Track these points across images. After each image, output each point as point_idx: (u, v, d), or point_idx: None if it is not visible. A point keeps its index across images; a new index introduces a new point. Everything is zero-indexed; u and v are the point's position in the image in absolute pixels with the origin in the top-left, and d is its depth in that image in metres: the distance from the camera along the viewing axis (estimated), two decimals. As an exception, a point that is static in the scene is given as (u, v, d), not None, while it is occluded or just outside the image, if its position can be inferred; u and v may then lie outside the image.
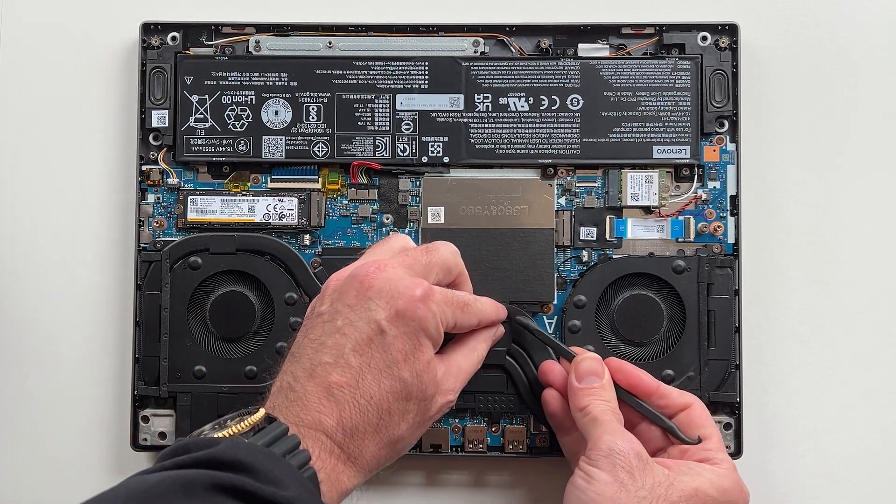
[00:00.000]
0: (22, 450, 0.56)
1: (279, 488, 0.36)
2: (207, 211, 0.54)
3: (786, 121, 0.55)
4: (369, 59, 0.54)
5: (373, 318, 0.43)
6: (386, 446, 0.43)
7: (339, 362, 0.42)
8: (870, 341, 0.55)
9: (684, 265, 0.53)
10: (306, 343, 0.44)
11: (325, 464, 0.40)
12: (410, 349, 0.43)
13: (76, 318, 0.56)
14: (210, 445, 0.37)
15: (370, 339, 0.42)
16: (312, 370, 0.42)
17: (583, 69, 0.54)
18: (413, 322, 0.43)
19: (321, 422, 0.41)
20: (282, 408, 0.42)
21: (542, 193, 0.54)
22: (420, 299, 0.43)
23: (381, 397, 0.42)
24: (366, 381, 0.42)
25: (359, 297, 0.43)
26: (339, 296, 0.44)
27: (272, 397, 0.43)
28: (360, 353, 0.42)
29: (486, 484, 0.55)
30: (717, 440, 0.48)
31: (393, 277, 0.43)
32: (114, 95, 0.56)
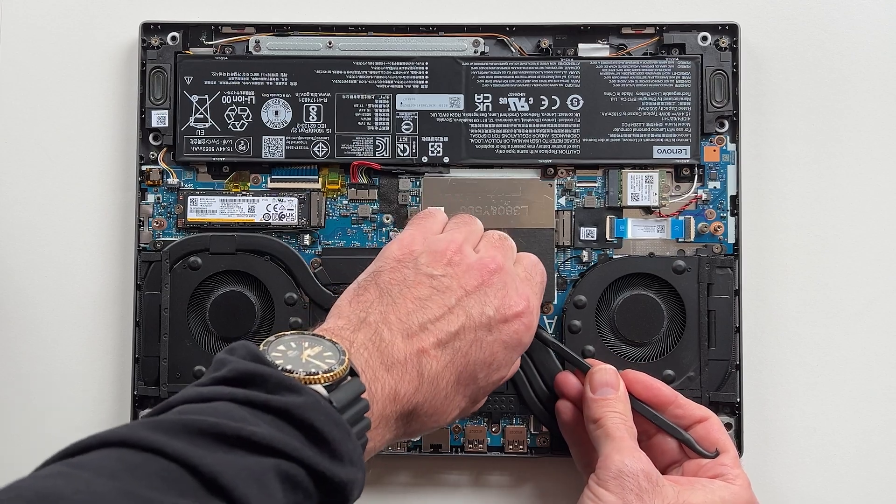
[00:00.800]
0: (22, 450, 0.55)
1: (339, 466, 0.35)
2: (207, 211, 0.54)
3: (786, 121, 0.55)
4: (369, 59, 0.54)
5: (486, 313, 0.43)
6: (427, 428, 0.43)
7: (441, 336, 0.41)
8: (869, 341, 0.55)
9: (684, 265, 0.53)
10: (407, 295, 0.42)
11: (376, 434, 0.39)
12: (501, 360, 0.43)
13: (76, 319, 0.56)
14: (290, 390, 0.35)
15: (476, 329, 0.42)
16: (409, 328, 0.41)
17: (583, 69, 0.54)
18: (517, 336, 0.43)
19: (398, 389, 0.40)
20: (363, 349, 0.40)
21: (542, 193, 0.54)
22: (526, 322, 0.44)
23: (453, 386, 0.42)
24: (452, 366, 0.42)
25: (479, 287, 0.43)
26: (458, 273, 0.43)
27: (352, 326, 0.41)
28: (461, 338, 0.42)
29: (486, 484, 0.55)
30: (732, 455, 0.48)
31: (508, 283, 0.44)
32: (114, 95, 0.56)
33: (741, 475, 0.47)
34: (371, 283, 0.43)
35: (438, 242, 0.45)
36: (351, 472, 0.35)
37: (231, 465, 0.32)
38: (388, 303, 0.42)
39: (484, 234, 0.48)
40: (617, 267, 0.53)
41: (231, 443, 0.33)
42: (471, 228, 0.47)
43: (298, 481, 0.33)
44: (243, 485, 0.31)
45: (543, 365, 0.52)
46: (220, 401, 0.34)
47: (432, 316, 0.42)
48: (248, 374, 0.35)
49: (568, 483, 0.55)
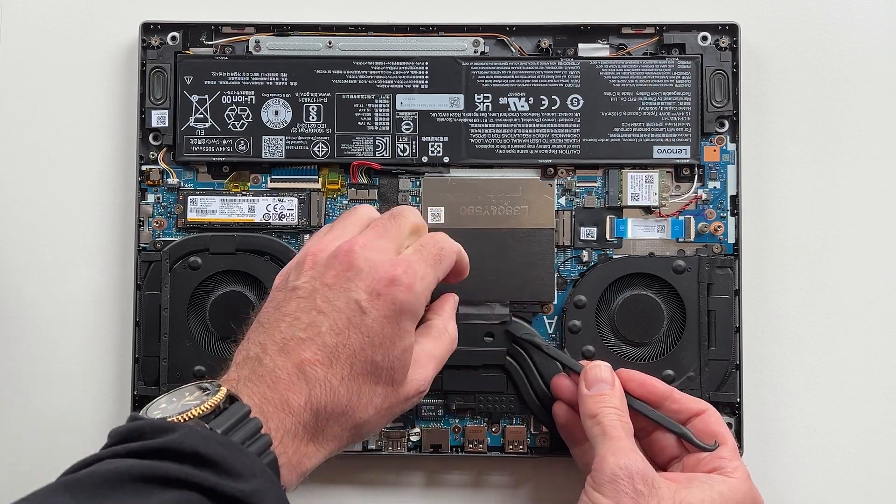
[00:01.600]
0: (22, 449, 0.56)
1: (238, 481, 0.35)
2: (207, 211, 0.54)
3: (786, 121, 0.55)
4: (369, 59, 0.54)
5: (353, 298, 0.42)
6: (350, 429, 0.42)
7: (315, 340, 0.41)
8: (869, 341, 0.55)
9: (684, 265, 0.53)
10: (279, 316, 0.42)
11: (286, 447, 0.39)
12: (390, 334, 0.42)
13: (76, 318, 0.56)
14: (167, 431, 0.36)
15: (349, 320, 0.41)
16: (284, 344, 0.41)
17: (583, 69, 0.54)
18: (394, 306, 0.42)
19: (289, 401, 0.40)
20: (247, 381, 0.40)
21: (542, 193, 0.54)
22: (404, 283, 0.42)
23: (352, 379, 0.41)
24: (339, 362, 0.41)
25: (339, 276, 0.42)
26: (318, 272, 0.43)
27: (237, 367, 0.42)
28: (336, 333, 0.41)
29: (486, 484, 0.55)
30: (730, 447, 0.48)
31: (374, 258, 0.43)
32: (114, 95, 0.56)
33: (740, 467, 0.47)
34: (253, 322, 0.44)
35: (302, 252, 0.45)
36: (254, 484, 0.35)
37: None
38: (264, 331, 0.42)
39: (378, 217, 0.46)
40: (617, 267, 0.53)
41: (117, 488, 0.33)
42: (348, 221, 0.46)
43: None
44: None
45: (543, 365, 0.52)
46: (101, 461, 0.35)
47: (302, 325, 0.42)
48: (125, 433, 0.36)
49: (568, 483, 0.55)
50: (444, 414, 0.54)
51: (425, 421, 0.54)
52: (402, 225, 0.45)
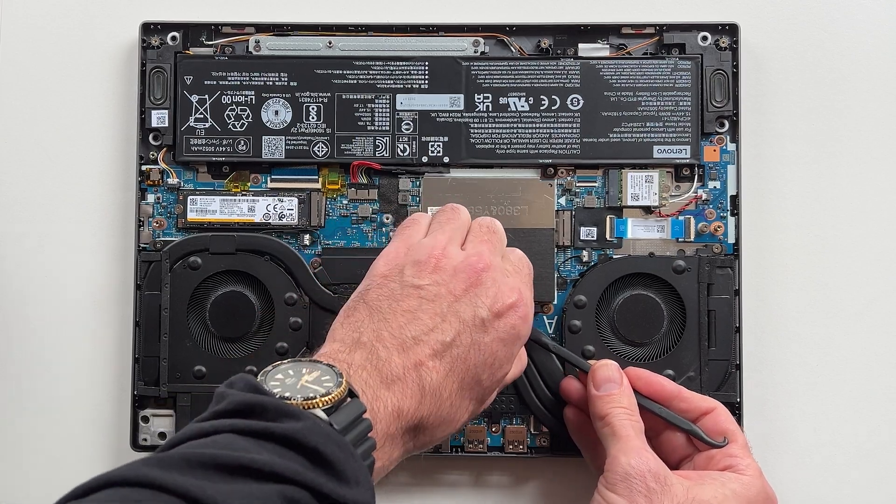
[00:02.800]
0: (22, 450, 0.56)
1: (345, 488, 0.34)
2: (207, 211, 0.54)
3: (786, 121, 0.55)
4: (369, 59, 0.54)
5: (479, 315, 0.42)
6: (437, 438, 0.42)
7: (436, 346, 0.41)
8: (869, 341, 0.55)
9: (684, 265, 0.53)
10: (397, 309, 0.42)
11: (384, 452, 0.39)
12: (502, 357, 0.43)
13: (76, 318, 0.56)
14: (290, 416, 0.35)
15: (472, 335, 0.42)
16: (403, 342, 0.41)
17: (583, 69, 0.54)
18: (513, 330, 0.43)
19: (401, 406, 0.40)
20: (360, 370, 0.40)
21: (542, 193, 0.54)
22: (522, 313, 0.43)
23: (457, 394, 0.42)
24: (454, 374, 0.41)
25: (468, 290, 0.43)
26: (444, 279, 0.43)
27: (348, 348, 0.41)
28: (458, 345, 0.41)
29: (486, 484, 0.55)
30: (741, 444, 0.47)
31: (498, 279, 0.44)
32: (114, 95, 0.56)
33: (752, 464, 0.47)
34: (360, 303, 0.43)
35: (422, 250, 0.44)
36: (358, 493, 0.35)
37: (233, 494, 0.32)
38: (380, 319, 0.42)
39: (472, 224, 0.47)
40: (617, 267, 0.53)
41: (233, 472, 0.33)
42: (455, 225, 0.46)
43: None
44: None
45: (544, 365, 0.52)
46: (221, 433, 0.34)
47: (425, 327, 0.42)
48: (247, 405, 0.35)
49: (568, 483, 0.55)
50: (444, 414, 0.54)
51: (425, 421, 0.54)
52: (502, 240, 0.47)
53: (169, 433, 0.53)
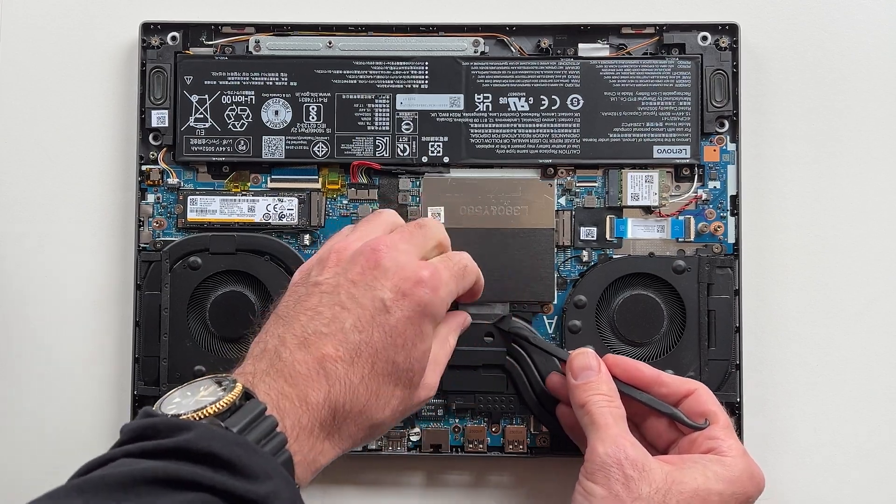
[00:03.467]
0: (22, 450, 0.56)
1: (254, 483, 0.34)
2: (207, 211, 0.54)
3: (786, 121, 0.55)
4: (369, 59, 0.54)
5: (378, 296, 0.41)
6: (366, 429, 0.42)
7: (338, 336, 0.41)
8: (869, 341, 0.55)
9: (684, 265, 0.53)
10: (300, 309, 0.42)
11: (302, 445, 0.39)
12: (412, 335, 0.42)
13: (76, 318, 0.56)
14: (181, 429, 0.35)
15: (373, 318, 0.41)
16: (305, 339, 0.41)
17: (583, 69, 0.54)
18: (419, 307, 0.42)
19: (307, 397, 0.39)
20: (265, 375, 0.40)
21: (542, 193, 0.54)
22: (429, 284, 0.42)
23: (372, 378, 0.41)
24: (361, 360, 0.41)
25: (365, 273, 0.42)
26: (343, 269, 0.43)
27: (254, 360, 0.41)
28: (360, 330, 0.41)
29: (486, 484, 0.55)
30: (723, 425, 0.47)
31: (402, 259, 0.43)
32: (114, 95, 0.56)
33: (734, 445, 0.46)
34: (271, 315, 0.43)
35: (325, 249, 0.45)
36: (267, 485, 0.35)
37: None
38: (283, 324, 0.42)
39: (403, 224, 0.47)
40: (617, 267, 0.53)
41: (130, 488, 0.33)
42: (374, 223, 0.46)
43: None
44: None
45: (543, 365, 0.52)
46: (116, 459, 0.34)
47: (325, 320, 0.41)
48: (139, 430, 0.36)
49: (568, 483, 0.54)
50: (444, 414, 0.54)
51: (425, 421, 0.54)
52: (428, 235, 0.45)
53: (169, 433, 0.53)
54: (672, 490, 0.43)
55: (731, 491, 0.44)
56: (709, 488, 0.44)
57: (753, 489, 0.46)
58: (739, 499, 0.45)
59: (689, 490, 0.44)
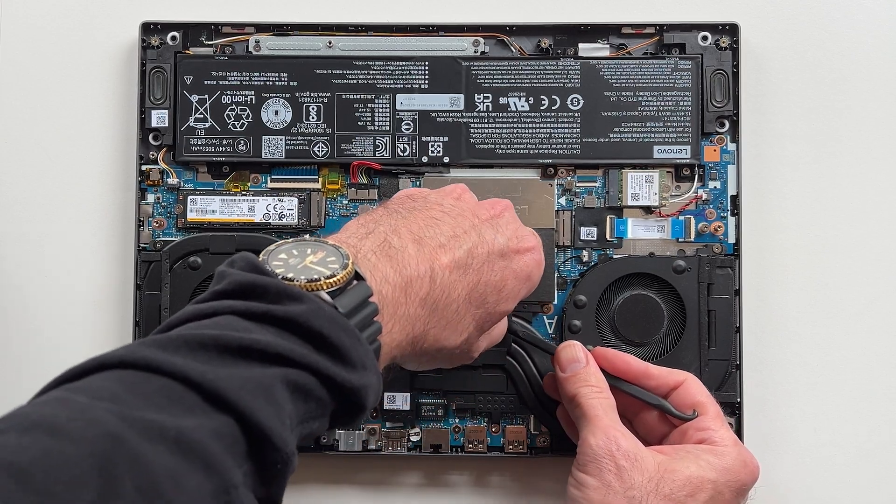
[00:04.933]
0: (22, 450, 0.55)
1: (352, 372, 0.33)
2: (207, 211, 0.54)
3: (786, 121, 0.55)
4: (369, 59, 0.54)
5: (498, 240, 0.43)
6: (434, 350, 0.41)
7: (454, 250, 0.40)
8: (869, 341, 0.55)
9: (685, 265, 0.53)
10: (418, 215, 0.41)
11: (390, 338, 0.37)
12: (509, 288, 0.43)
13: (76, 318, 0.56)
14: (292, 298, 0.33)
15: (489, 253, 0.42)
16: (420, 238, 0.40)
17: (583, 69, 0.54)
18: (526, 268, 0.44)
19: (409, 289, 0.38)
20: (371, 254, 0.38)
21: (542, 193, 0.54)
22: (535, 255, 0.44)
23: (464, 305, 0.41)
24: (465, 281, 0.41)
25: (491, 218, 0.43)
26: (467, 206, 0.44)
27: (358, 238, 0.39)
28: (474, 256, 0.41)
29: (486, 484, 0.55)
30: (713, 416, 0.47)
31: (518, 223, 0.45)
32: (114, 95, 0.56)
33: (725, 435, 0.46)
34: (379, 207, 0.43)
35: (442, 189, 0.45)
36: (364, 377, 0.34)
37: (234, 377, 0.30)
38: (399, 218, 0.41)
39: None
40: (617, 267, 0.53)
41: (234, 354, 0.31)
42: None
43: (309, 389, 0.32)
44: (249, 397, 0.30)
45: (543, 365, 0.52)
46: (220, 315, 0.33)
47: (445, 233, 0.41)
48: (248, 286, 0.34)
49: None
50: (444, 414, 0.54)
51: (425, 421, 0.54)
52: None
53: (169, 433, 0.53)
54: (665, 478, 0.43)
55: (725, 479, 0.44)
56: (702, 476, 0.44)
57: (747, 477, 0.45)
58: (733, 487, 0.45)
59: (681, 478, 0.43)
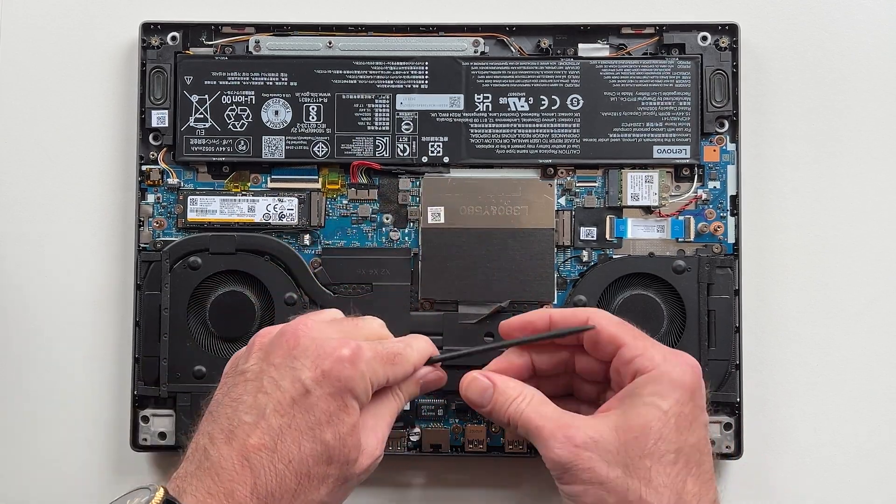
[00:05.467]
0: (22, 450, 0.56)
1: None
2: (207, 211, 0.54)
3: (786, 121, 0.55)
4: (369, 59, 0.54)
5: (298, 377, 0.41)
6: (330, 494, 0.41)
7: (259, 423, 0.40)
8: (869, 341, 0.55)
9: (684, 265, 0.53)
10: (226, 402, 0.42)
11: None
12: (335, 410, 0.41)
13: (76, 318, 0.56)
14: None
15: (293, 400, 0.41)
16: (231, 431, 0.41)
17: (583, 69, 0.54)
18: (339, 383, 0.41)
19: (233, 492, 0.39)
20: (192, 477, 0.40)
21: (542, 193, 0.54)
22: (348, 359, 0.41)
23: (300, 461, 0.40)
24: (285, 444, 0.40)
25: (285, 355, 0.42)
26: (265, 354, 0.42)
27: (186, 461, 0.41)
28: (281, 414, 0.40)
29: (485, 484, 0.55)
30: (632, 342, 0.44)
31: (320, 337, 0.42)
32: (114, 95, 0.56)
33: (653, 354, 0.44)
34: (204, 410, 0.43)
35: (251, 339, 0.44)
36: None
37: None
38: (212, 420, 0.42)
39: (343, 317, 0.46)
40: (617, 267, 0.53)
41: None
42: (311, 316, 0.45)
43: None
44: None
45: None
46: None
47: (247, 407, 0.41)
48: None
49: (568, 483, 0.55)
50: (444, 414, 0.54)
51: (425, 421, 0.54)
52: (361, 325, 0.45)
53: (169, 433, 0.53)
54: (628, 442, 0.42)
55: (675, 398, 0.42)
56: (656, 413, 0.42)
57: (692, 379, 0.43)
58: (683, 399, 0.42)
59: (639, 428, 0.42)
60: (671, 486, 0.42)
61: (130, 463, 0.55)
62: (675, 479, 0.42)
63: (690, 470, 0.42)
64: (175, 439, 0.53)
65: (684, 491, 0.42)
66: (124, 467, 0.55)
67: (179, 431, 0.53)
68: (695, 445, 0.42)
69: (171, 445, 0.53)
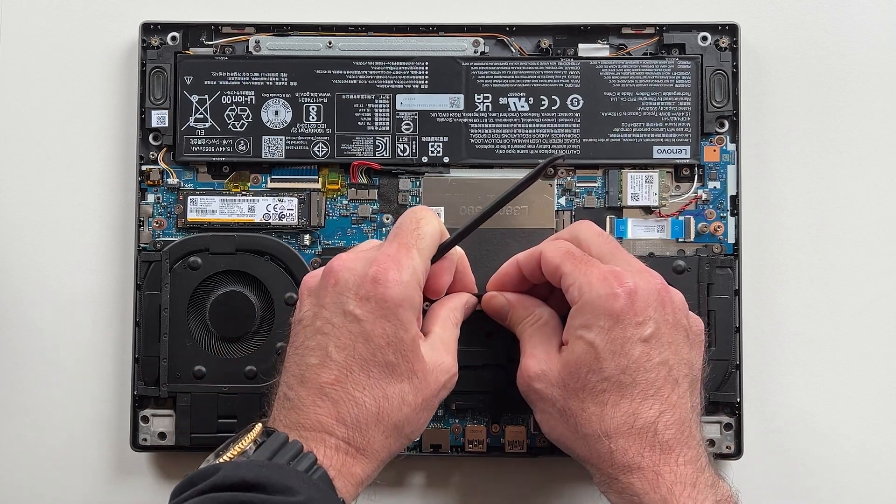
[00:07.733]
0: (22, 450, 0.56)
1: (288, 496, 0.37)
2: (207, 211, 0.54)
3: (786, 121, 0.55)
4: (369, 59, 0.54)
5: (347, 310, 0.43)
6: (392, 433, 0.43)
7: (326, 362, 0.43)
8: (869, 341, 0.55)
9: (684, 265, 0.53)
10: (292, 352, 0.45)
11: (333, 461, 0.41)
12: (392, 331, 0.43)
13: (76, 319, 0.56)
14: (212, 473, 0.39)
15: (350, 332, 0.43)
16: (302, 376, 0.43)
17: (583, 69, 0.54)
18: (386, 302, 0.43)
19: (320, 422, 0.42)
20: (280, 418, 0.43)
21: (542, 193, 0.54)
22: (382, 276, 0.43)
23: (373, 386, 0.43)
24: (354, 374, 0.43)
25: (331, 293, 0.44)
26: (315, 298, 0.45)
27: (273, 411, 0.44)
28: (342, 348, 0.43)
29: (485, 484, 0.55)
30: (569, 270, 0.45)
31: (355, 266, 0.44)
32: (114, 95, 0.56)
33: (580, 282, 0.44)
34: (281, 365, 0.46)
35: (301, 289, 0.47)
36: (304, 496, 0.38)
37: None
38: (285, 371, 0.45)
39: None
40: (617, 267, 0.53)
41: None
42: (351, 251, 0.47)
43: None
44: None
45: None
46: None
47: (312, 351, 0.44)
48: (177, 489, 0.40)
49: (568, 483, 0.55)
50: (444, 414, 0.54)
51: (425, 421, 0.54)
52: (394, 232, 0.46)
53: (169, 433, 0.53)
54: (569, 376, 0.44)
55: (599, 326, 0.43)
56: (582, 346, 0.44)
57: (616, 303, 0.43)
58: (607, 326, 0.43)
59: (573, 363, 0.44)
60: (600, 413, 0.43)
61: (130, 463, 0.55)
62: (606, 406, 0.43)
63: (623, 393, 0.43)
64: (175, 439, 0.53)
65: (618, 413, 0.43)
66: (124, 467, 0.55)
67: (179, 431, 0.53)
68: (625, 369, 0.43)
69: (171, 445, 0.53)
